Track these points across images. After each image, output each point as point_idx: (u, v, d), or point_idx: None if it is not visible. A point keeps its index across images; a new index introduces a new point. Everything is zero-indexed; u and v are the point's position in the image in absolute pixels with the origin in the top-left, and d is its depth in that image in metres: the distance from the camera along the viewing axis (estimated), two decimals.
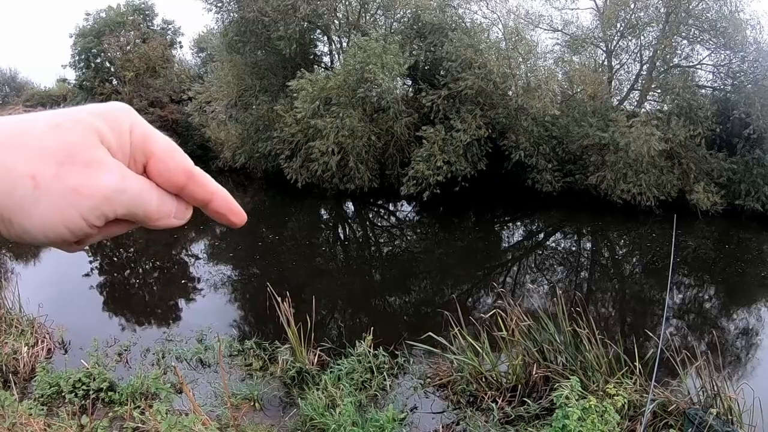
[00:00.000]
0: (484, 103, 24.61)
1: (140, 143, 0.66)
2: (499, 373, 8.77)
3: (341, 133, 23.67)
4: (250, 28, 28.07)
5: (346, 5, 28.69)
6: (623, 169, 23.74)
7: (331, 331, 11.66)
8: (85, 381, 8.54)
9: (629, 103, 28.02)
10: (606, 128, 23.86)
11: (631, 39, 27.50)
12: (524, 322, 8.92)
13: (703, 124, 24.72)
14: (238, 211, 0.75)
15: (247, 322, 12.67)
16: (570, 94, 26.93)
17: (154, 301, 15.01)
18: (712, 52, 26.81)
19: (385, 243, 22.04)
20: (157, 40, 41.25)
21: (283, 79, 27.20)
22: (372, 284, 16.51)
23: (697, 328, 14.53)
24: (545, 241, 23.14)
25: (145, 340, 10.88)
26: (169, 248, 20.56)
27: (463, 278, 16.60)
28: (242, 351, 10.00)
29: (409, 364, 9.57)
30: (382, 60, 23.00)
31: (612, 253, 22.55)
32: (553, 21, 28.37)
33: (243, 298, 14.89)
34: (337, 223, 26.25)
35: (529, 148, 24.82)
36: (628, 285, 18.29)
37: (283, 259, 18.42)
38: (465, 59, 23.72)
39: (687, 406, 7.81)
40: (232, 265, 18.05)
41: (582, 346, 8.62)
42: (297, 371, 9.07)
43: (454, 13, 26.49)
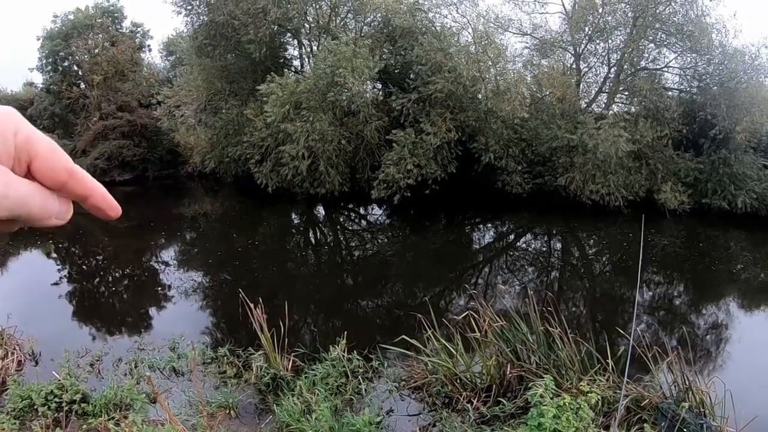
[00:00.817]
0: (454, 106, 24.76)
1: (24, 145, 0.70)
2: (473, 374, 8.81)
3: (311, 137, 23.64)
4: (220, 32, 27.97)
5: (317, 9, 28.68)
6: (592, 170, 24.10)
7: (305, 336, 11.64)
8: (58, 393, 8.43)
9: (597, 105, 28.42)
10: (574, 130, 24.20)
11: (599, 42, 27.93)
12: (497, 322, 8.98)
13: (670, 125, 25.31)
14: (114, 205, 0.79)
15: (220, 329, 12.58)
16: (539, 97, 27.16)
17: (125, 310, 14.85)
18: (679, 55, 27.36)
19: (356, 247, 22.04)
20: (126, 43, 40.80)
21: (253, 83, 27.13)
22: (344, 288, 16.49)
23: (667, 324, 14.75)
24: (516, 242, 23.31)
25: (117, 350, 10.77)
26: (139, 255, 20.42)
27: (435, 281, 16.64)
28: (216, 358, 9.92)
29: (383, 368, 9.55)
30: (353, 64, 23.02)
31: (582, 253, 22.78)
32: (522, 25, 28.72)
33: (215, 304, 14.79)
34: (308, 227, 26.22)
35: (498, 151, 25.01)
36: (598, 284, 18.50)
37: (254, 264, 18.36)
38: (435, 63, 23.84)
39: (660, 400, 7.94)
40: (203, 272, 17.96)
41: (555, 345, 8.70)
42: (272, 377, 9.02)
43: (424, 17, 26.61)
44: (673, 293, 18.55)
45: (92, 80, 38.92)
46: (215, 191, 35.12)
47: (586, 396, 7.36)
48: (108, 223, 28.11)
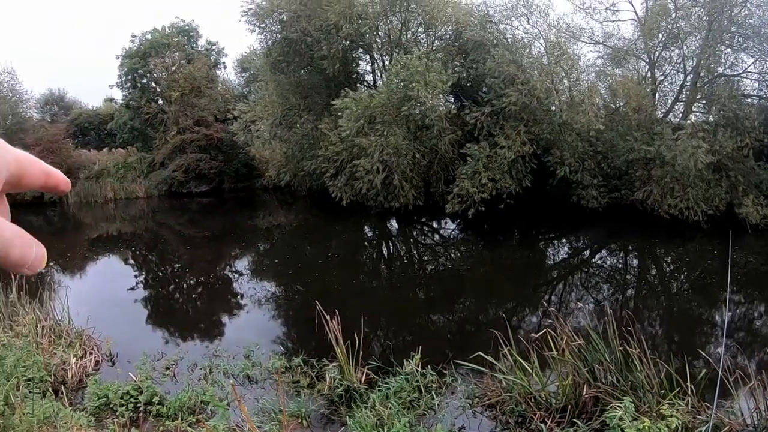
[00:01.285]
0: (527, 119, 24.49)
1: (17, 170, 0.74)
2: (548, 394, 8.62)
3: (386, 151, 23.73)
4: (294, 48, 28.47)
5: (388, 24, 28.87)
6: (670, 184, 23.31)
7: (378, 349, 11.57)
8: (134, 394, 8.67)
9: (674, 115, 27.56)
10: (651, 142, 23.43)
11: (673, 49, 27.03)
12: (574, 341, 8.84)
13: (750, 134, 23.96)
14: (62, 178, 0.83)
15: (292, 339, 12.64)
16: (614, 108, 26.56)
17: (199, 316, 15.15)
18: (757, 59, 26.23)
19: (429, 261, 21.94)
20: (202, 61, 42.06)
21: (327, 98, 27.46)
22: (417, 302, 16.41)
23: (749, 346, 14.24)
24: (591, 258, 22.83)
25: (192, 355, 10.98)
26: (213, 264, 20.83)
27: (508, 296, 16.46)
28: (289, 368, 9.95)
29: (457, 384, 9.41)
30: (425, 78, 23.08)
31: (659, 270, 22.17)
32: (594, 34, 28.07)
33: (288, 315, 14.89)
34: (381, 240, 26.26)
35: (573, 164, 24.58)
36: (676, 302, 17.95)
37: (327, 276, 18.46)
38: (507, 75, 23.67)
39: (740, 427, 7.66)
40: (276, 282, 18.16)
41: (633, 366, 8.50)
42: (345, 389, 8.99)
43: (495, 29, 26.38)
44: (754, 314, 17.88)
45: (170, 96, 40.18)
46: (289, 204, 35.58)
47: (666, 420, 7.19)
48: (185, 232, 28.76)
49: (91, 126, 51.13)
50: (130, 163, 42.52)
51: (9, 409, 7.55)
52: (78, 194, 39.06)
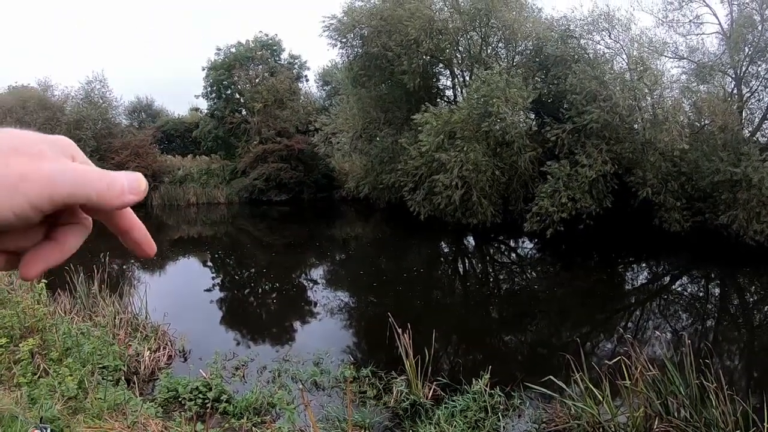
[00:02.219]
0: (609, 137, 24.00)
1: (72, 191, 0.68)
2: (617, 424, 8.42)
3: (465, 167, 23.66)
4: (375, 63, 28.79)
5: (468, 39, 28.94)
6: (756, 208, 22.18)
7: (446, 365, 11.52)
8: (203, 390, 8.95)
9: (762, 134, 26.54)
10: (738, 163, 22.41)
11: (761, 63, 25.96)
12: (649, 371, 8.60)
13: None
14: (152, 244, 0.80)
15: (362, 350, 12.70)
16: (698, 126, 25.70)
17: (272, 321, 15.43)
18: None
19: (504, 280, 21.70)
20: (284, 74, 43.07)
21: (407, 112, 27.63)
22: (489, 321, 16.25)
23: None
24: (671, 285, 22.10)
25: (262, 358, 11.18)
26: (289, 271, 21.13)
27: (583, 321, 16.14)
28: (357, 378, 10.01)
29: (524, 407, 9.28)
30: (506, 94, 22.98)
31: (742, 300, 21.30)
32: (678, 48, 27.37)
33: (359, 325, 14.98)
34: (457, 257, 26.15)
35: (656, 185, 23.85)
36: (758, 336, 17.27)
37: (401, 289, 18.47)
38: (589, 92, 23.31)
39: None
40: (349, 292, 18.29)
41: (708, 401, 8.22)
42: (411, 403, 9.01)
43: (576, 44, 26.07)
44: None
45: (253, 107, 41.28)
46: (367, 216, 35.82)
47: None
48: (263, 239, 29.27)
49: (176, 133, 52.85)
50: (213, 170, 43.78)
51: (83, 393, 7.89)
52: (162, 197, 40.77)
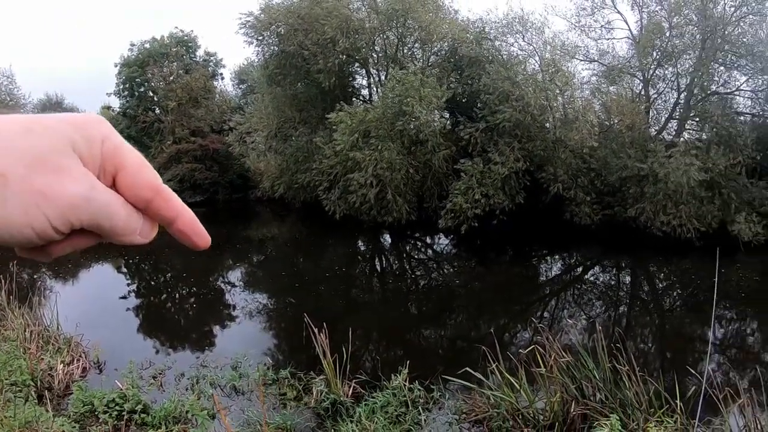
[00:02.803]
0: (521, 135, 24.61)
1: (111, 155, 0.67)
2: (536, 410, 8.61)
3: (380, 166, 23.78)
4: (291, 62, 28.60)
5: (384, 39, 29.06)
6: (663, 201, 23.33)
7: (367, 363, 11.56)
8: (120, 401, 8.67)
9: (667, 132, 27.76)
10: (645, 159, 23.57)
11: (667, 67, 27.34)
12: (563, 358, 8.85)
13: (743, 152, 24.22)
14: (202, 233, 0.75)
15: (282, 351, 12.63)
16: (608, 125, 26.70)
17: (190, 326, 15.17)
18: (750, 77, 26.60)
19: (421, 276, 21.93)
20: (200, 72, 42.36)
21: (323, 111, 27.54)
22: (408, 317, 16.39)
23: (740, 364, 14.29)
24: (584, 275, 22.86)
25: (180, 365, 10.98)
26: (206, 275, 20.81)
27: (500, 313, 16.48)
28: (277, 380, 9.94)
29: (444, 399, 9.42)
30: (420, 93, 23.20)
31: (652, 287, 22.26)
32: (589, 51, 28.52)
33: (278, 327, 14.87)
34: (374, 255, 26.27)
35: (567, 181, 24.64)
36: (668, 320, 18.01)
37: (319, 289, 18.44)
38: (502, 92, 23.83)
39: None
40: (268, 294, 18.14)
41: (621, 383, 8.52)
42: (331, 402, 9.00)
43: (490, 46, 26.67)
44: (746, 331, 17.96)
45: (167, 106, 40.52)
46: (283, 216, 35.60)
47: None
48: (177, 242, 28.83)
49: None
50: None
51: None
52: None
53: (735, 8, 25.15)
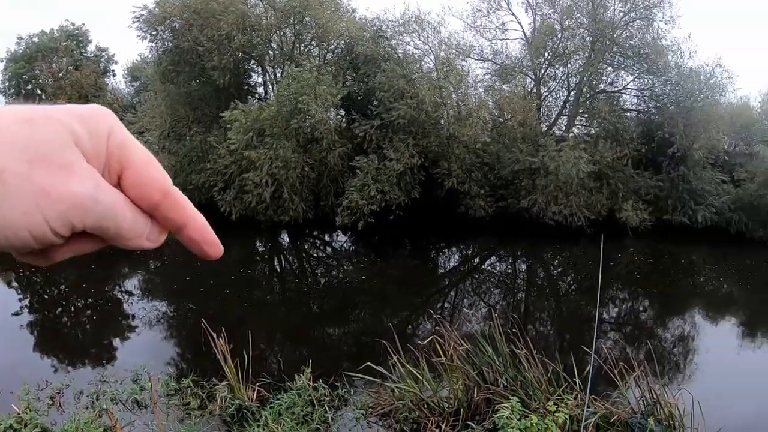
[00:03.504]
0: (416, 132, 24.98)
1: (117, 151, 0.62)
2: (440, 399, 8.82)
3: (275, 165, 23.52)
4: (185, 58, 27.84)
5: (281, 36, 28.75)
6: (554, 192, 24.48)
7: (271, 365, 11.46)
8: (17, 427, 8.23)
9: (558, 128, 29.07)
10: (536, 153, 24.66)
11: (558, 67, 28.68)
12: (462, 346, 9.06)
13: (629, 145, 26.07)
14: (213, 241, 0.69)
15: (185, 360, 12.31)
16: (501, 122, 27.55)
17: (88, 341, 14.56)
18: (636, 77, 28.28)
19: (322, 274, 21.93)
20: (90, 68, 40.87)
21: (217, 110, 27.00)
22: (310, 316, 16.39)
23: (634, 339, 15.10)
24: (481, 265, 23.51)
25: (79, 382, 10.49)
26: (102, 285, 20.12)
27: (401, 306, 16.70)
28: (179, 390, 9.71)
29: (350, 395, 9.50)
30: (316, 91, 23.12)
31: (547, 273, 23.12)
32: (483, 51, 29.44)
33: (179, 334, 14.51)
34: (273, 255, 26.07)
35: (461, 175, 25.25)
36: (564, 303, 18.77)
37: (219, 293, 18.11)
38: (397, 89, 24.13)
39: (628, 415, 8.08)
40: (167, 301, 17.66)
41: (521, 366, 8.81)
42: (236, 408, 8.89)
43: (386, 44, 26.91)
44: (638, 309, 19.02)
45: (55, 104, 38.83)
46: None
47: (553, 415, 7.47)
48: None
49: None
50: None
51: None
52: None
53: (624, 13, 26.87)
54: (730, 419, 9.06)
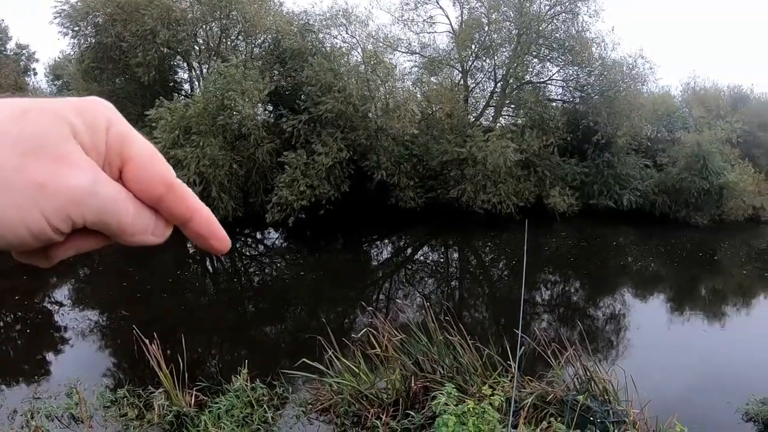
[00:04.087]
0: (344, 125, 25.06)
1: (117, 144, 0.60)
2: (379, 390, 8.94)
3: (202, 163, 23.11)
4: (108, 55, 27.19)
5: (207, 31, 28.33)
6: (482, 181, 25.10)
7: (207, 368, 11.34)
8: None
9: (485, 119, 29.77)
10: (464, 144, 25.16)
11: (485, 59, 29.30)
12: (396, 337, 9.20)
13: (555, 134, 27.08)
14: (220, 235, 0.68)
15: (120, 369, 11.97)
16: (429, 114, 27.85)
17: (19, 357, 13.95)
18: (561, 68, 29.21)
19: (255, 272, 21.75)
20: (10, 67, 39.53)
21: (142, 108, 26.38)
22: (246, 316, 16.25)
23: (567, 320, 15.61)
24: (414, 256, 23.77)
25: (11, 401, 10.14)
26: (29, 296, 19.47)
27: (336, 301, 16.76)
28: (115, 401, 9.45)
29: (289, 393, 9.48)
30: (242, 86, 22.91)
31: (479, 261, 23.57)
32: (411, 44, 29.82)
33: (114, 344, 14.06)
34: (204, 256, 25.59)
35: (390, 168, 25.54)
36: (497, 288, 19.21)
37: (151, 298, 17.75)
38: (325, 83, 24.17)
39: (564, 393, 8.33)
40: (99, 310, 17.03)
41: (456, 353, 9.00)
42: (175, 415, 8.76)
43: (314, 38, 26.89)
44: (570, 290, 19.64)
45: None
46: None
47: (489, 399, 7.64)
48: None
49: None
50: None
51: None
52: None
53: (549, 6, 27.82)
54: (662, 390, 9.63)
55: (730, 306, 18.40)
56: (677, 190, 27.64)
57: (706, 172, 27.17)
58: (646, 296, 19.04)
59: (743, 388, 10.43)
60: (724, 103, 36.08)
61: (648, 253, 24.40)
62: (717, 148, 27.91)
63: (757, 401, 9.83)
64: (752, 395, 10.00)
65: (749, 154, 31.36)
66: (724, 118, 31.27)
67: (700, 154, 27.21)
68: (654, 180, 28.36)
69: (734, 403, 9.97)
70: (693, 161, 27.37)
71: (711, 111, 34.24)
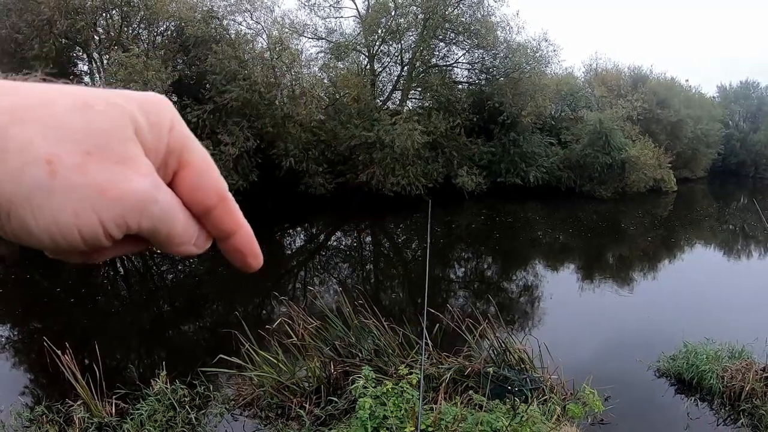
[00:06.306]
0: (250, 114, 24.98)
1: (177, 147, 0.56)
2: (300, 379, 9.02)
3: None
4: (2, 48, 26.05)
5: (107, 19, 27.45)
6: (391, 164, 25.53)
7: (126, 374, 10.91)
8: None
9: (392, 102, 30.02)
10: (371, 128, 25.44)
11: (392, 43, 29.62)
12: (311, 324, 9.30)
13: (461, 115, 27.78)
14: (258, 253, 0.64)
15: (38, 385, 11.37)
16: (336, 99, 27.96)
17: None
18: (467, 51, 29.97)
19: (167, 270, 21.21)
20: None
21: None
22: (161, 316, 15.93)
23: (482, 294, 15.98)
24: (327, 242, 23.90)
25: None
26: None
27: (251, 293, 16.67)
28: (34, 419, 8.97)
29: (210, 392, 9.39)
30: (144, 77, 22.47)
31: (392, 243, 23.91)
32: (317, 29, 29.75)
33: (28, 359, 13.24)
34: (113, 257, 25.01)
35: (298, 155, 25.61)
36: (411, 269, 19.53)
37: (63, 306, 17.03)
38: (229, 71, 23.97)
39: (482, 365, 8.65)
40: (9, 324, 15.91)
41: (373, 336, 9.18)
42: (96, 427, 8.52)
43: (218, 25, 26.51)
44: (483, 266, 20.21)
45: None
46: None
47: (407, 378, 7.84)
48: None
49: None
50: None
51: None
52: None
53: None
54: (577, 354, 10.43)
55: (637, 271, 19.42)
56: (581, 165, 28.87)
57: (609, 148, 28.46)
58: (556, 267, 19.85)
59: (653, 347, 11.23)
60: (625, 83, 38.07)
61: (556, 227, 25.35)
62: (618, 125, 29.33)
63: (668, 358, 10.68)
64: (662, 353, 10.83)
65: (649, 130, 33.19)
66: (625, 97, 32.92)
67: (603, 131, 28.47)
68: (559, 157, 29.52)
69: (645, 361, 10.76)
70: (596, 138, 28.62)
71: (612, 90, 36.01)
